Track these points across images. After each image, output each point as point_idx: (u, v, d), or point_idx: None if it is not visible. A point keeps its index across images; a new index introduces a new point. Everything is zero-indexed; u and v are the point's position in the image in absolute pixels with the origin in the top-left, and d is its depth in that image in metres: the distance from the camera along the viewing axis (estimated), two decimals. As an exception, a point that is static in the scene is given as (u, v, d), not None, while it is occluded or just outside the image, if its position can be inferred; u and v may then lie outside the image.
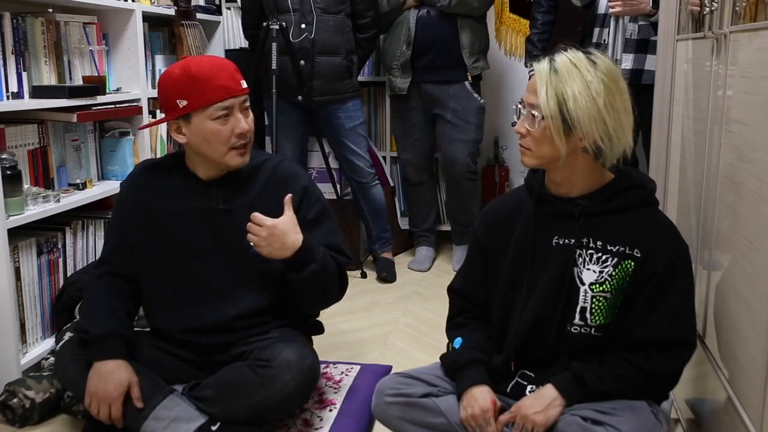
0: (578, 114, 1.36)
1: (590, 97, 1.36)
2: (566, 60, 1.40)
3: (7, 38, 2.16)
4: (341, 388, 2.12)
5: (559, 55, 1.41)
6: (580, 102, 1.36)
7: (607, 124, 1.37)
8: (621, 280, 1.43)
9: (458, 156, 3.22)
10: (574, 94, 1.36)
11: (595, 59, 1.40)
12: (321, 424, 1.93)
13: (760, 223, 1.25)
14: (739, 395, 1.36)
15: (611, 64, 1.42)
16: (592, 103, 1.36)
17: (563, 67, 1.39)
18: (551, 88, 1.38)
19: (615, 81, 1.40)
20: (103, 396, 1.67)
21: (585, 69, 1.38)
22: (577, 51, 1.42)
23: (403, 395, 1.55)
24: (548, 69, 1.40)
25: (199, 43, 3.07)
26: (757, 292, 1.26)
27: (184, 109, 1.72)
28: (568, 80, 1.38)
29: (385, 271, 3.25)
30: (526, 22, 3.51)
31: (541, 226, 1.50)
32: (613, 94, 1.38)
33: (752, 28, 1.30)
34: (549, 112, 1.38)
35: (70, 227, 2.38)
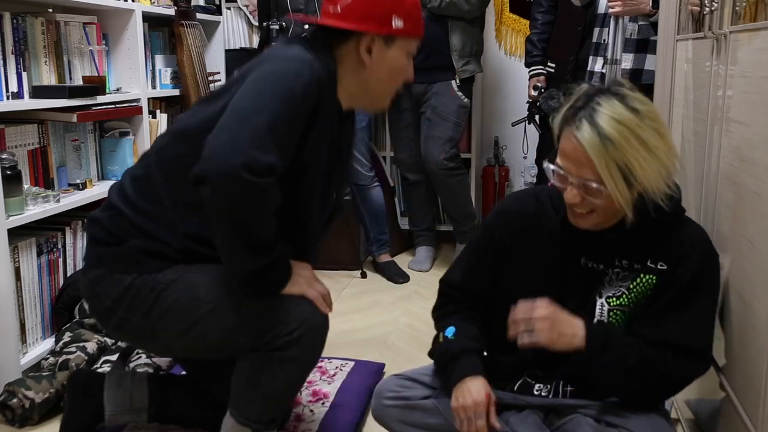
0: (648, 178, 1.25)
1: (653, 155, 1.25)
2: (612, 122, 1.25)
3: (7, 38, 2.16)
4: (334, 382, 2.13)
5: (599, 116, 1.25)
6: (647, 166, 1.24)
7: (670, 169, 1.28)
8: (639, 294, 1.39)
9: (431, 152, 3.19)
10: (639, 163, 1.24)
11: (634, 104, 1.28)
12: (313, 417, 1.94)
13: (760, 223, 1.25)
14: (739, 395, 1.36)
15: (647, 100, 1.31)
16: (657, 160, 1.25)
17: (615, 134, 1.24)
18: (611, 162, 1.24)
19: (659, 119, 1.30)
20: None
21: (636, 125, 1.25)
22: (611, 100, 1.27)
23: (403, 398, 1.54)
24: (599, 140, 1.24)
25: (199, 43, 3.07)
26: (757, 292, 1.26)
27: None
28: (627, 149, 1.24)
29: (396, 275, 3.26)
30: (526, 22, 3.51)
31: (568, 246, 1.42)
32: (665, 137, 1.28)
33: (752, 28, 1.30)
34: (615, 187, 1.25)
35: (70, 227, 2.38)
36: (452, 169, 3.21)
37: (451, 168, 3.21)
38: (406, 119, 3.31)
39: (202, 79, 3.08)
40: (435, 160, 3.18)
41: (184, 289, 1.49)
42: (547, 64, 3.13)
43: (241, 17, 3.85)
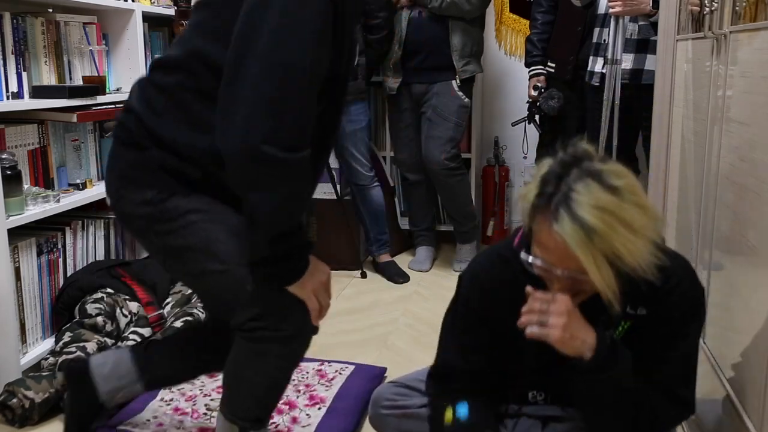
0: (637, 260, 1.13)
1: (640, 235, 1.13)
2: (593, 211, 1.11)
3: (7, 38, 2.16)
4: (332, 387, 2.13)
5: (578, 206, 1.11)
6: (635, 248, 1.12)
7: (657, 239, 1.16)
8: (622, 337, 1.31)
9: (432, 153, 3.19)
10: (628, 248, 1.12)
11: (611, 181, 1.13)
12: (309, 421, 1.94)
13: (760, 223, 1.25)
14: (739, 395, 1.36)
15: (622, 170, 1.16)
16: (644, 239, 1.13)
17: (599, 224, 1.10)
18: (598, 254, 1.12)
19: (637, 189, 1.16)
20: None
21: (619, 207, 1.12)
22: (587, 182, 1.13)
23: (400, 407, 1.54)
24: (583, 234, 1.11)
25: (199, 43, 3.07)
26: (757, 292, 1.26)
27: None
28: (614, 236, 1.11)
29: (396, 275, 3.26)
30: (526, 22, 3.51)
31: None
32: (647, 208, 1.15)
33: (752, 28, 1.30)
34: (602, 279, 1.13)
35: (70, 227, 2.38)
36: (453, 169, 3.21)
37: (452, 168, 3.21)
38: (407, 119, 3.32)
39: (202, 79, 3.07)
40: (436, 160, 3.18)
41: (202, 237, 1.43)
42: (547, 64, 3.14)
43: (241, 17, 3.84)
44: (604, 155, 1.22)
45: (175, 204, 1.44)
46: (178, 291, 2.50)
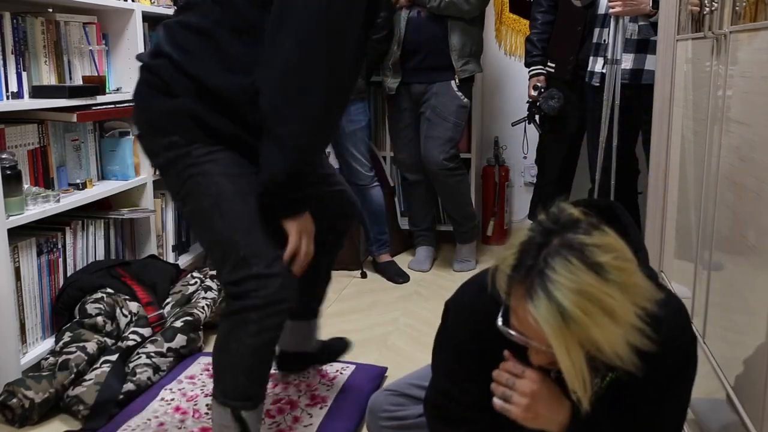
0: (615, 350, 1.02)
1: (622, 323, 1.00)
2: (571, 295, 0.99)
3: (7, 38, 2.16)
4: (333, 387, 2.13)
5: (556, 287, 0.99)
6: (614, 339, 1.00)
7: (640, 325, 1.02)
8: (603, 387, 1.21)
9: (431, 153, 3.19)
10: (606, 338, 1.00)
11: (594, 257, 1.00)
12: (310, 421, 1.94)
13: (760, 223, 1.25)
14: (739, 395, 1.36)
15: (611, 246, 1.03)
16: (626, 327, 1.00)
17: (574, 309, 0.99)
18: (571, 341, 1.00)
19: (624, 264, 1.03)
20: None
21: (600, 292, 0.99)
22: (567, 259, 1.00)
23: (397, 418, 1.53)
24: (557, 318, 0.99)
25: (199, 43, 3.07)
26: (757, 292, 1.26)
27: None
28: (591, 325, 0.99)
29: (396, 275, 3.26)
30: (526, 22, 3.51)
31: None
32: (634, 287, 1.02)
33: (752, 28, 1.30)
34: (573, 367, 1.02)
35: (70, 227, 2.38)
36: (452, 170, 3.21)
37: (451, 168, 3.20)
38: (406, 119, 3.32)
39: (202, 79, 3.08)
40: (434, 161, 3.18)
41: (213, 191, 1.51)
42: (547, 64, 3.14)
43: (241, 17, 3.84)
44: (593, 220, 1.06)
45: (198, 152, 1.51)
46: (178, 291, 2.50)
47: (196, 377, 2.19)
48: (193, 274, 2.60)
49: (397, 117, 3.35)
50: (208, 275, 2.57)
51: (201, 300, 2.45)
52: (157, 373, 2.17)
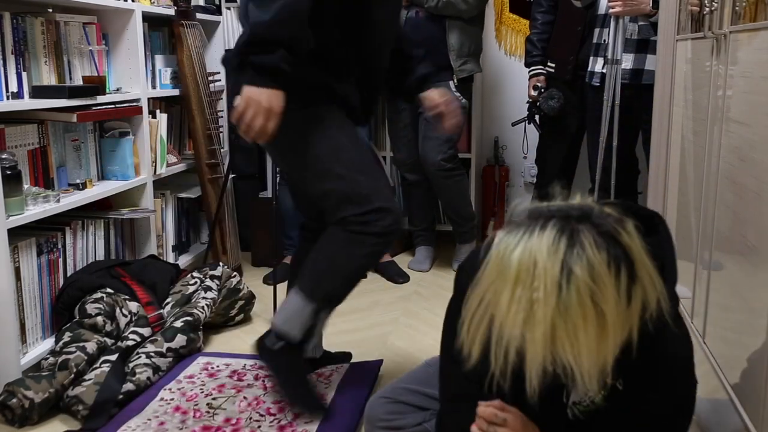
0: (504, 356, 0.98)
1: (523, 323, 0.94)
2: (526, 259, 0.94)
3: (7, 38, 2.16)
4: (331, 384, 2.13)
5: (528, 242, 0.94)
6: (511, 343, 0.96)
7: (557, 362, 0.95)
8: (602, 400, 1.19)
9: (429, 153, 3.18)
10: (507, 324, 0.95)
11: (576, 263, 0.92)
12: (311, 419, 1.94)
13: (760, 223, 1.25)
14: (739, 395, 1.36)
15: (600, 266, 0.93)
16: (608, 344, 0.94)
17: (513, 270, 0.94)
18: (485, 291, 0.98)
19: (594, 294, 0.93)
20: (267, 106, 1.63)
21: (546, 285, 0.92)
22: (596, 240, 0.93)
23: (395, 428, 1.53)
24: (502, 263, 0.96)
25: (199, 43, 3.07)
26: (757, 292, 1.26)
27: None
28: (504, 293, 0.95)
29: (396, 275, 3.26)
30: (526, 22, 3.51)
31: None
32: (576, 321, 0.92)
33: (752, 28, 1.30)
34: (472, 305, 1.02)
35: (70, 227, 2.38)
36: (450, 170, 3.21)
37: (449, 169, 3.20)
38: (405, 119, 3.31)
39: (202, 79, 3.08)
40: (433, 161, 3.18)
41: (332, 144, 1.76)
42: (547, 64, 3.14)
43: (241, 17, 3.85)
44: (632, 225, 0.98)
45: (313, 112, 1.75)
46: (177, 291, 2.50)
47: (195, 377, 2.19)
48: (193, 274, 2.60)
49: (396, 117, 3.35)
50: (208, 275, 2.57)
51: (201, 300, 2.45)
52: (156, 373, 2.17)
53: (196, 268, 2.66)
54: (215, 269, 2.61)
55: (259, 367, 2.24)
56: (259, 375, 2.20)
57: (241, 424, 1.92)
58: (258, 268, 3.41)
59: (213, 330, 2.62)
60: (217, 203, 3.08)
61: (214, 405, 2.02)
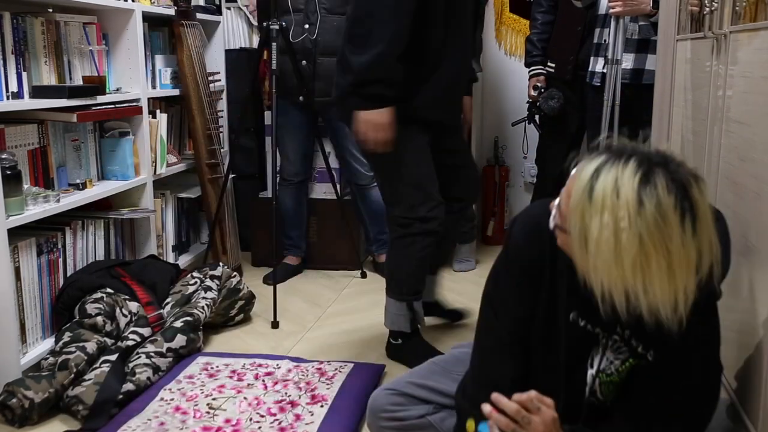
0: (595, 259, 1.04)
1: (613, 248, 1.02)
2: (609, 186, 1.03)
3: (7, 38, 2.16)
4: (333, 385, 2.13)
5: (606, 172, 1.04)
6: (601, 248, 1.03)
7: (626, 282, 1.03)
8: (629, 371, 1.26)
9: None
10: (598, 240, 1.03)
11: (645, 196, 1.00)
12: (312, 419, 1.94)
13: (760, 223, 1.25)
14: (739, 395, 1.36)
15: (669, 208, 1.00)
16: (613, 256, 1.02)
17: (600, 194, 1.03)
18: (578, 212, 1.06)
19: (660, 232, 1.00)
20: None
21: (625, 209, 1.00)
22: (636, 177, 1.02)
23: (398, 419, 1.54)
24: (585, 187, 1.05)
25: (199, 43, 3.07)
26: (757, 292, 1.26)
27: None
28: (594, 216, 1.03)
29: None
30: (526, 22, 3.51)
31: (567, 290, 1.25)
32: (648, 253, 1.01)
33: (752, 28, 1.30)
34: (573, 234, 1.08)
35: (70, 227, 2.38)
36: None
37: None
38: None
39: (202, 79, 3.08)
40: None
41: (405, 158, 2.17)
42: (547, 64, 3.14)
43: (241, 17, 3.85)
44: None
45: (400, 131, 2.10)
46: (177, 291, 2.50)
47: (195, 377, 2.19)
48: (193, 274, 2.60)
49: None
50: (208, 275, 2.57)
51: (201, 300, 2.45)
52: (156, 373, 2.17)
53: (196, 268, 2.66)
54: (215, 269, 2.61)
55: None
56: (258, 375, 2.20)
57: (242, 424, 1.92)
58: (258, 268, 3.41)
59: (213, 330, 2.62)
60: (217, 203, 3.07)
61: (214, 405, 2.02)
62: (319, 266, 3.41)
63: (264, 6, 3.11)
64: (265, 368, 2.25)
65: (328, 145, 3.24)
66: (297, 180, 3.24)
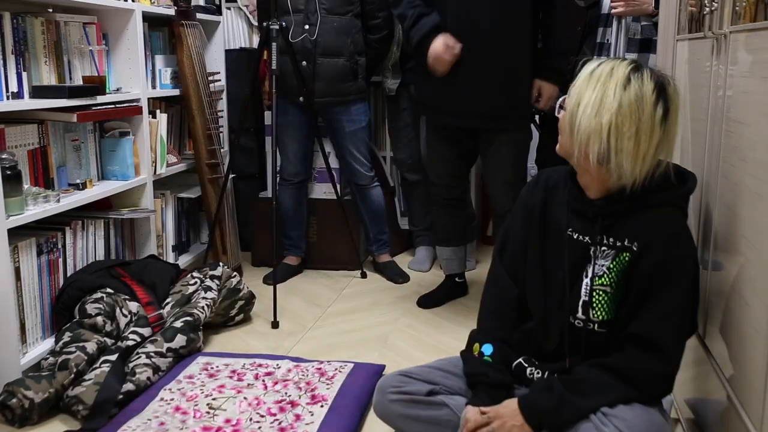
0: (581, 121, 1.39)
1: (597, 110, 1.37)
2: (607, 69, 1.39)
3: (7, 38, 2.16)
4: (333, 384, 2.13)
5: (607, 62, 1.41)
6: (587, 111, 1.38)
7: (606, 143, 1.37)
8: (619, 272, 1.43)
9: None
10: (587, 102, 1.38)
11: (633, 78, 1.38)
12: (312, 419, 1.94)
13: (760, 223, 1.25)
14: (739, 395, 1.36)
15: (648, 90, 1.37)
16: (595, 118, 1.37)
17: (598, 73, 1.40)
18: (579, 86, 1.42)
19: (638, 106, 1.36)
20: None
21: (614, 83, 1.37)
22: (628, 66, 1.40)
23: (406, 393, 1.56)
24: (591, 69, 1.42)
25: (199, 43, 3.07)
26: (757, 292, 1.26)
27: None
28: (589, 86, 1.39)
29: (396, 275, 3.27)
30: (527, 22, 3.50)
31: (567, 213, 1.53)
32: (624, 118, 1.36)
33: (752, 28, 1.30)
34: (568, 108, 1.43)
35: (70, 227, 2.38)
36: None
37: None
38: (406, 119, 3.32)
39: (202, 79, 3.08)
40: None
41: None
42: (548, 64, 3.13)
43: (241, 17, 3.85)
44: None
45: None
46: (177, 291, 2.50)
47: (195, 377, 2.19)
48: (193, 274, 2.60)
49: (397, 117, 3.35)
50: (208, 275, 2.57)
51: (201, 300, 2.45)
52: (156, 373, 2.17)
53: (196, 268, 2.66)
54: (215, 269, 2.61)
55: (257, 365, 2.24)
56: (258, 375, 2.20)
57: (242, 424, 1.92)
58: (258, 268, 3.41)
59: (213, 330, 2.62)
60: (217, 203, 3.08)
61: (214, 405, 2.02)
62: (319, 266, 3.41)
63: (264, 6, 3.11)
64: (265, 368, 2.25)
65: (328, 145, 3.24)
66: (297, 180, 3.24)
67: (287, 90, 2.99)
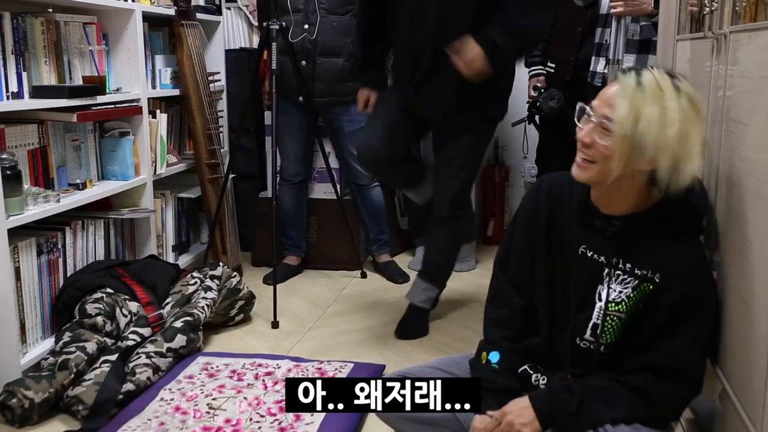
0: (648, 139, 1.28)
1: (664, 124, 1.28)
2: (653, 79, 1.32)
3: (7, 38, 2.16)
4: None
5: (646, 73, 1.33)
6: (654, 127, 1.28)
7: (676, 154, 1.29)
8: (637, 302, 1.40)
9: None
10: (651, 118, 1.29)
11: (679, 84, 1.32)
12: (312, 419, 1.94)
13: (760, 223, 1.25)
14: (739, 395, 1.36)
15: (694, 91, 1.33)
16: (663, 132, 1.28)
17: (649, 86, 1.31)
18: (633, 104, 1.30)
19: (695, 108, 1.32)
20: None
21: (669, 93, 1.30)
22: (663, 73, 1.34)
23: (407, 373, 1.56)
24: (634, 84, 1.32)
25: (199, 43, 3.07)
26: (757, 292, 1.26)
27: None
28: (649, 101, 1.30)
29: (396, 275, 3.27)
30: (526, 22, 3.50)
31: (577, 228, 1.47)
32: (689, 123, 1.30)
33: (752, 28, 1.30)
34: (623, 129, 1.29)
35: (70, 227, 2.38)
36: None
37: None
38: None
39: (202, 79, 3.08)
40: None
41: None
42: (547, 64, 3.13)
43: (241, 17, 3.85)
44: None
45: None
46: (177, 291, 2.50)
47: (195, 377, 2.19)
48: (193, 274, 2.60)
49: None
50: (208, 275, 2.57)
51: (201, 300, 2.45)
52: (156, 373, 2.17)
53: (196, 268, 2.66)
54: (215, 269, 2.61)
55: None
56: (258, 375, 2.20)
57: (242, 424, 1.92)
58: (258, 268, 3.41)
59: (213, 330, 2.62)
60: (217, 203, 3.07)
61: (214, 405, 2.02)
62: (319, 266, 3.41)
63: (264, 6, 3.10)
64: (265, 368, 2.25)
65: (328, 145, 3.24)
66: (297, 180, 3.24)
67: (287, 90, 2.99)
